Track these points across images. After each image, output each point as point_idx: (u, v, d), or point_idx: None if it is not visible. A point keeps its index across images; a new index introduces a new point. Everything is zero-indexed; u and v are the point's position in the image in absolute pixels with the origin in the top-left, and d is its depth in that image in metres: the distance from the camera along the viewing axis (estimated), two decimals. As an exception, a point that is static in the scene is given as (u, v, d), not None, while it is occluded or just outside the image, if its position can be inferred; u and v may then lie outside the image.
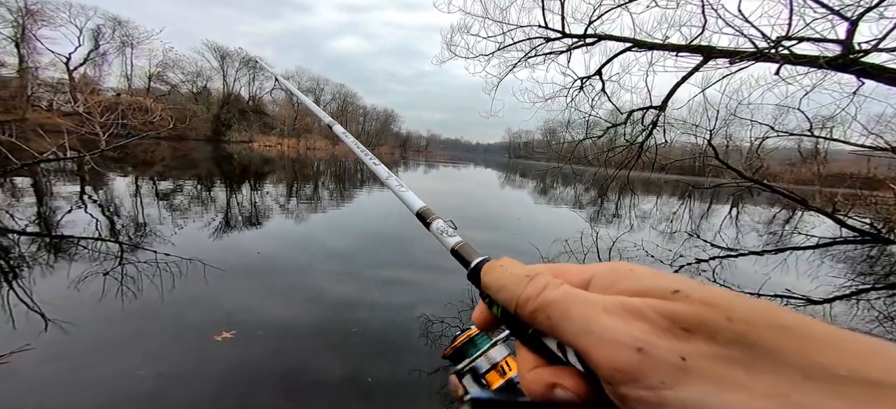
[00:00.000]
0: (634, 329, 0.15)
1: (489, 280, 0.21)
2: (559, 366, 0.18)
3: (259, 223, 5.67)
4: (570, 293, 0.17)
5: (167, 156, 15.50)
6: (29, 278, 2.88)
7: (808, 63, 4.01)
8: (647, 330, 0.15)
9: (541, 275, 0.19)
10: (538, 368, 0.18)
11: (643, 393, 0.14)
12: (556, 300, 0.17)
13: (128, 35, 33.56)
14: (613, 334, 0.15)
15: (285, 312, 2.77)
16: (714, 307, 0.14)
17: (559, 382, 0.17)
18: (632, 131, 7.15)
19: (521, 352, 0.20)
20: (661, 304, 0.15)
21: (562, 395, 0.17)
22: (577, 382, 0.17)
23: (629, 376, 0.14)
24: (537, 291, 0.18)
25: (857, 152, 5.70)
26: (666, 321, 0.15)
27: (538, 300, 0.17)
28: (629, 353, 0.15)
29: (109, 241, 3.97)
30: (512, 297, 0.19)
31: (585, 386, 0.17)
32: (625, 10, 5.73)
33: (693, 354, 0.14)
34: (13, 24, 25.28)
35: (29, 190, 6.23)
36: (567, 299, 0.17)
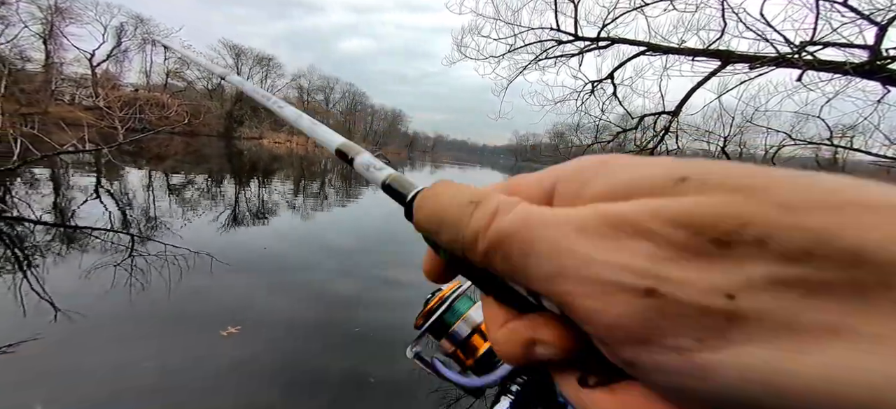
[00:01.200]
0: (633, 257, 0.09)
1: (423, 217, 0.15)
2: (534, 314, 0.13)
3: (266, 219, 5.73)
4: (529, 216, 0.11)
5: (180, 151, 15.86)
6: (42, 266, 2.95)
7: (833, 69, 3.87)
8: (652, 254, 0.09)
9: (489, 197, 0.13)
10: (508, 322, 0.13)
11: (664, 359, 0.09)
12: (512, 230, 0.11)
13: (149, 32, 34.57)
14: (600, 272, 0.09)
15: (290, 308, 2.77)
16: (751, 192, 0.08)
17: (537, 336, 0.12)
18: (643, 137, 7.02)
19: (488, 305, 0.14)
20: (664, 204, 0.09)
21: (542, 352, 0.12)
22: (558, 332, 0.12)
23: (637, 337, 0.09)
24: (486, 220, 0.12)
25: (878, 163, 5.50)
26: (682, 231, 0.09)
27: (489, 235, 0.12)
28: (631, 300, 0.09)
29: (121, 232, 4.06)
30: (455, 236, 0.13)
31: (569, 334, 0.12)
32: (640, 13, 5.64)
33: (743, 285, 0.08)
34: (42, 21, 26.28)
35: (47, 181, 6.42)
36: (526, 224, 0.11)
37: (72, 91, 28.87)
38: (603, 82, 6.74)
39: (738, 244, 0.08)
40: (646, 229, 0.09)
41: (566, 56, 6.67)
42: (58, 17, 27.32)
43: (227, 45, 40.36)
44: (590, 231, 0.10)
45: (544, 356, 0.12)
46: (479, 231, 0.12)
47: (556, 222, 0.11)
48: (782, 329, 0.07)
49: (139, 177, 8.12)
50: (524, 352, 0.12)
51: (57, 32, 27.42)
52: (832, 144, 5.52)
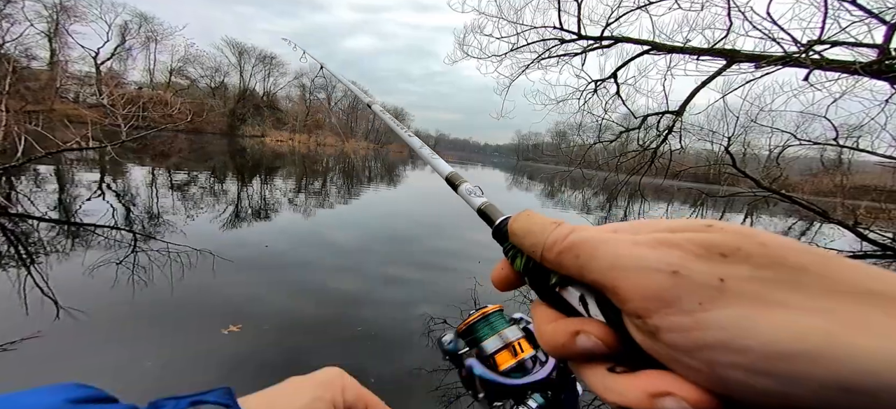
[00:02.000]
0: (668, 255, 0.14)
1: (516, 227, 0.21)
2: (578, 317, 0.17)
3: (268, 217, 5.74)
4: (597, 234, 0.17)
5: (184, 148, 15.92)
6: (45, 263, 2.96)
7: (841, 69, 3.81)
8: (681, 255, 0.14)
9: (566, 223, 0.19)
10: (557, 320, 0.18)
11: (677, 319, 0.13)
12: (584, 240, 0.17)
13: (153, 31, 34.72)
14: (644, 262, 0.15)
15: (291, 307, 2.77)
16: (748, 236, 0.14)
17: (583, 328, 0.16)
18: (646, 136, 6.97)
19: (539, 309, 0.19)
20: (695, 235, 0.15)
21: (585, 343, 0.16)
22: (601, 328, 0.16)
23: (663, 301, 0.14)
24: (564, 234, 0.18)
25: (884, 164, 5.42)
26: (701, 248, 0.14)
27: (565, 242, 0.17)
28: (661, 277, 0.14)
29: (124, 229, 4.07)
30: (538, 241, 0.19)
31: (610, 332, 0.16)
32: (644, 11, 5.59)
33: (731, 275, 0.13)
34: (48, 19, 26.45)
35: (51, 178, 6.46)
36: (594, 238, 0.17)
37: (76, 89, 29.01)
38: (606, 81, 6.69)
39: (732, 257, 0.14)
40: (679, 244, 0.15)
41: (569, 55, 6.63)
42: (63, 15, 27.50)
43: (230, 43, 40.43)
44: (640, 244, 0.15)
45: (584, 345, 0.16)
46: (558, 239, 0.18)
47: (616, 239, 0.16)
48: (750, 300, 0.13)
49: (142, 174, 8.16)
50: (568, 341, 0.17)
51: (62, 30, 27.60)
52: (838, 145, 5.45)
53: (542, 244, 0.18)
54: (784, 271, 0.13)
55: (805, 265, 0.13)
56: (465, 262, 4.48)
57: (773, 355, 0.12)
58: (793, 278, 0.13)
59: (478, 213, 0.26)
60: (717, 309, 0.13)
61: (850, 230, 6.12)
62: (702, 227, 0.15)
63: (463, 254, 4.79)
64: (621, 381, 0.15)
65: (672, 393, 0.13)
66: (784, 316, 0.12)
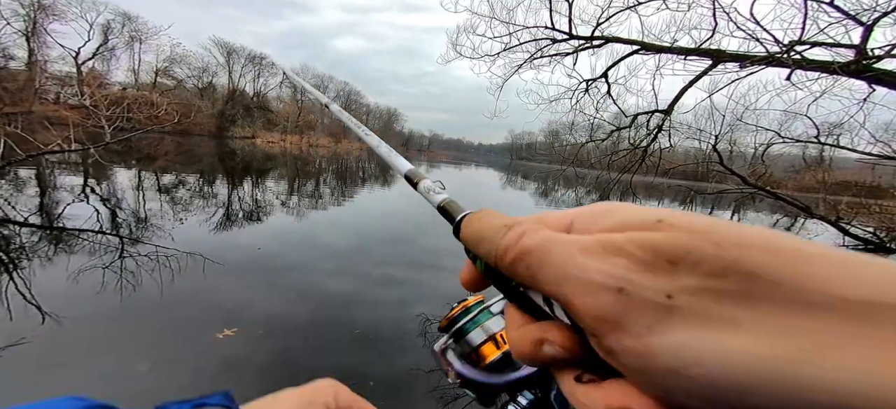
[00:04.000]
0: (614, 267, 0.13)
1: (468, 233, 0.19)
2: (546, 322, 0.16)
3: (260, 219, 5.66)
4: (548, 238, 0.15)
5: (171, 150, 15.56)
6: (28, 270, 2.87)
7: (821, 68, 3.94)
8: (627, 267, 0.13)
9: (519, 223, 0.17)
10: (525, 325, 0.16)
11: (629, 343, 0.12)
12: (534, 247, 0.15)
13: (137, 30, 33.79)
14: (591, 276, 0.13)
15: (286, 310, 2.74)
16: (700, 234, 0.12)
17: (545, 337, 0.15)
18: (636, 135, 7.10)
19: (509, 311, 0.18)
20: (642, 235, 0.13)
21: (549, 352, 0.15)
22: (563, 334, 0.15)
23: (612, 323, 0.12)
24: (515, 239, 0.16)
25: (863, 160, 5.62)
26: (648, 254, 0.13)
27: (516, 249, 0.16)
28: (609, 296, 0.12)
29: (110, 234, 3.97)
30: (491, 249, 0.17)
31: (573, 338, 0.15)
32: (633, 12, 5.68)
33: (679, 289, 0.12)
34: (25, 18, 25.52)
35: (32, 181, 6.25)
36: (545, 244, 0.15)
37: (57, 90, 28.08)
38: (597, 81, 6.78)
39: (681, 264, 0.12)
40: (625, 250, 0.13)
41: (561, 55, 6.70)
42: (41, 14, 26.57)
43: (218, 43, 39.65)
44: (589, 250, 0.14)
45: (549, 354, 0.15)
46: (509, 246, 0.16)
47: (566, 242, 0.15)
48: (700, 320, 0.11)
49: (128, 177, 7.95)
50: (533, 349, 0.16)
51: (40, 29, 26.67)
52: (819, 142, 5.64)
53: (494, 252, 0.17)
54: (737, 280, 0.11)
55: (763, 269, 0.11)
56: (461, 261, 4.48)
57: (722, 385, 0.10)
58: (747, 287, 0.11)
59: (437, 210, 0.24)
60: (665, 333, 0.12)
61: (832, 225, 6.34)
62: (651, 222, 0.13)
63: (458, 253, 4.79)
64: (586, 392, 0.14)
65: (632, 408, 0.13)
66: (735, 340, 0.11)
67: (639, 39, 6.01)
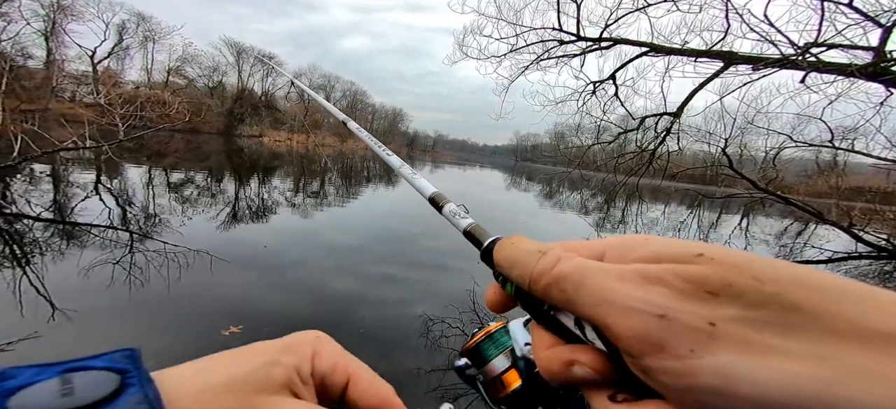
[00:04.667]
0: (654, 295, 0.14)
1: (501, 258, 0.20)
2: (577, 344, 0.17)
3: (266, 217, 5.72)
4: (583, 264, 0.16)
5: (181, 148, 15.83)
6: (41, 264, 2.94)
7: (837, 71, 3.85)
8: (667, 295, 0.14)
9: (553, 250, 0.18)
10: (554, 346, 0.17)
11: (670, 364, 0.13)
12: (569, 272, 0.16)
13: (151, 30, 34.54)
14: (631, 302, 0.14)
15: (291, 308, 2.77)
16: (741, 269, 0.13)
17: (576, 358, 0.16)
18: (643, 137, 7.01)
19: (537, 332, 0.19)
20: (682, 268, 0.14)
21: (579, 373, 0.16)
22: (595, 357, 0.16)
23: (653, 345, 0.13)
24: (550, 264, 0.17)
25: (878, 165, 5.47)
26: (688, 285, 0.14)
27: (552, 274, 0.17)
28: (650, 320, 0.13)
29: (120, 229, 4.05)
30: (525, 272, 0.18)
31: (603, 361, 0.16)
32: (643, 13, 5.62)
33: (721, 318, 0.13)
34: (44, 18, 26.26)
35: (47, 177, 6.41)
36: (581, 270, 0.16)
37: (73, 88, 28.82)
38: (604, 83, 6.72)
39: (722, 295, 0.13)
40: (664, 280, 0.14)
41: (568, 56, 6.65)
42: (60, 14, 27.31)
43: (228, 43, 40.27)
44: (626, 279, 0.15)
45: (579, 375, 0.16)
46: (544, 271, 0.17)
47: (602, 269, 0.16)
48: (741, 346, 0.12)
49: (139, 174, 8.11)
50: (563, 369, 0.16)
51: (59, 29, 27.40)
52: (833, 147, 5.50)
53: (528, 276, 0.18)
54: (777, 312, 0.12)
55: (801, 303, 0.12)
56: (463, 261, 4.48)
57: (763, 404, 0.11)
58: (787, 318, 0.12)
59: (464, 235, 0.25)
60: (708, 355, 0.12)
61: (845, 231, 6.17)
62: (691, 256, 0.14)
63: (460, 253, 4.79)
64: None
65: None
66: (774, 364, 0.12)
67: (648, 41, 5.94)
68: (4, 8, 20.69)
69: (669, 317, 0.13)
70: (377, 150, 0.41)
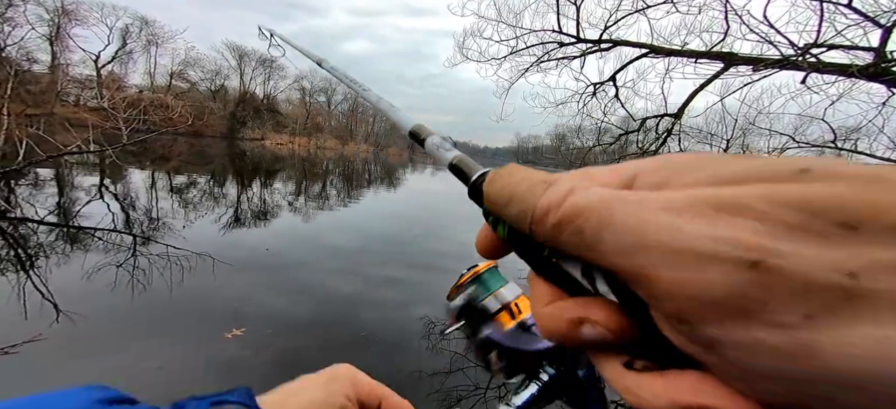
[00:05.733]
0: (735, 231, 0.09)
1: (494, 191, 0.15)
2: (586, 297, 0.13)
3: (268, 220, 5.74)
4: (609, 195, 0.11)
5: (184, 151, 15.93)
6: (45, 267, 2.96)
7: (838, 71, 3.85)
8: (761, 230, 0.09)
9: (562, 179, 0.13)
10: (557, 301, 0.13)
11: (765, 335, 0.08)
12: (588, 205, 0.11)
13: (154, 34, 34.90)
14: (695, 244, 0.09)
15: (293, 310, 2.77)
16: (893, 187, 0.08)
17: (587, 316, 0.12)
18: (645, 139, 7.00)
19: (536, 284, 0.15)
20: (784, 188, 0.09)
21: (590, 333, 0.12)
22: (611, 314, 0.12)
23: (734, 307, 0.09)
24: (560, 197, 0.12)
25: (881, 166, 5.44)
26: (801, 214, 0.08)
27: (563, 209, 0.12)
28: (732, 272, 0.09)
29: (124, 233, 4.07)
30: (526, 208, 0.13)
31: (621, 320, 0.12)
32: (642, 15, 5.63)
33: (869, 265, 0.08)
34: (49, 23, 26.59)
35: (51, 181, 6.47)
36: (605, 202, 0.11)
37: (77, 92, 29.10)
38: (605, 84, 6.73)
39: (868, 229, 0.08)
40: (754, 208, 0.09)
41: (568, 58, 6.67)
42: (64, 18, 27.63)
43: (230, 46, 40.60)
44: (681, 209, 0.10)
45: (591, 336, 0.12)
46: (550, 206, 0.12)
47: (639, 200, 0.11)
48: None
49: (143, 178, 8.16)
50: (570, 330, 0.13)
51: (63, 34, 27.72)
52: (836, 147, 5.48)
53: (530, 212, 0.13)
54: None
55: None
56: (464, 262, 4.46)
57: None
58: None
59: (449, 169, 0.22)
60: (843, 326, 0.08)
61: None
62: (792, 172, 0.09)
63: (463, 256, 4.79)
64: (643, 382, 0.11)
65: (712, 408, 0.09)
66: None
67: (648, 42, 5.95)
68: (10, 13, 20.94)
69: (768, 265, 0.08)
70: (354, 87, 0.40)
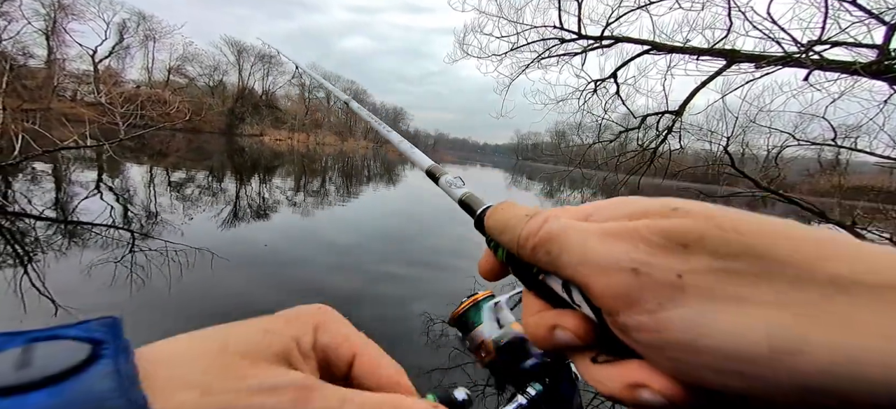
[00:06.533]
0: (629, 250, 0.14)
1: (492, 223, 0.20)
2: (563, 309, 0.17)
3: (267, 216, 5.73)
4: (567, 225, 0.16)
5: (182, 147, 15.85)
6: (43, 263, 2.94)
7: (841, 69, 3.83)
8: (642, 249, 0.14)
9: (541, 213, 0.18)
10: (541, 312, 0.18)
11: (641, 318, 0.13)
12: (554, 234, 0.16)
13: (151, 29, 34.57)
14: (607, 258, 0.14)
15: (291, 306, 2.76)
16: (714, 220, 0.13)
17: (559, 322, 0.16)
18: (645, 136, 6.98)
19: (527, 299, 0.19)
20: (657, 222, 0.14)
21: (562, 337, 0.16)
22: (577, 321, 0.16)
23: (626, 300, 0.14)
24: (537, 227, 0.17)
25: (881, 164, 5.45)
26: (660, 238, 0.14)
27: (538, 236, 0.17)
28: (624, 276, 0.14)
29: (122, 228, 4.05)
30: (513, 237, 0.18)
31: (585, 326, 0.16)
32: (644, 11, 5.59)
33: (690, 270, 0.13)
34: (45, 17, 26.32)
35: (49, 176, 6.43)
36: (564, 230, 0.16)
37: (74, 87, 28.88)
38: (606, 81, 6.69)
39: (693, 247, 0.13)
40: (640, 234, 0.14)
41: (569, 55, 6.63)
42: (60, 13, 27.35)
43: (228, 42, 40.26)
44: (605, 236, 0.15)
45: (562, 339, 0.16)
46: (531, 233, 0.17)
47: (584, 228, 0.16)
48: (707, 297, 0.12)
49: (141, 173, 8.12)
50: (547, 334, 0.17)
51: (60, 29, 27.45)
52: (836, 145, 5.47)
53: (516, 240, 0.18)
54: (748, 261, 0.12)
55: (772, 252, 0.12)
56: (464, 260, 4.48)
57: (728, 356, 0.11)
58: (757, 268, 0.12)
59: (459, 204, 0.26)
60: (674, 308, 0.12)
61: (847, 230, 6.14)
62: (666, 211, 0.14)
63: (461, 252, 4.79)
64: (603, 371, 0.15)
65: (647, 385, 0.13)
66: (740, 313, 0.12)
67: (650, 39, 5.91)
68: (5, 7, 20.71)
69: (640, 271, 0.13)
70: (378, 127, 0.43)
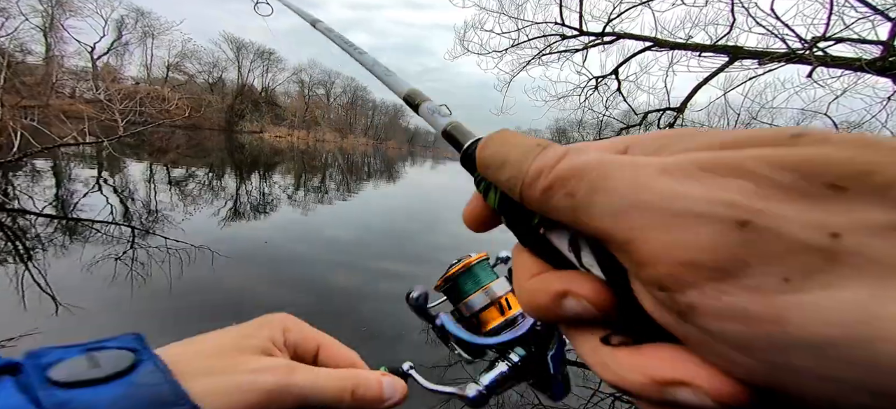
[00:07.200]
0: (726, 192, 0.09)
1: (488, 155, 0.15)
2: (570, 270, 0.13)
3: (267, 213, 5.72)
4: (604, 157, 0.11)
5: (182, 144, 15.82)
6: (43, 259, 2.94)
7: (844, 66, 3.81)
8: (751, 191, 0.08)
9: (558, 146, 0.13)
10: (542, 274, 0.13)
11: (737, 300, 0.08)
12: (582, 167, 0.11)
13: (150, 26, 34.42)
14: (685, 203, 0.09)
15: (292, 304, 2.77)
16: (882, 149, 0.08)
17: (571, 289, 0.12)
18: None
19: (520, 257, 0.14)
20: (775, 152, 0.09)
21: (573, 307, 0.12)
22: (595, 287, 0.11)
23: (716, 270, 0.08)
24: (553, 160, 0.12)
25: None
26: (791, 174, 0.08)
27: (555, 171, 0.12)
28: (721, 231, 0.08)
29: (122, 225, 4.05)
30: (517, 173, 0.13)
31: (605, 293, 0.11)
32: (646, 7, 5.55)
33: (852, 226, 0.07)
34: (43, 13, 26.17)
35: (48, 173, 6.42)
36: (600, 163, 0.11)
37: (72, 84, 28.80)
38: (607, 78, 6.66)
39: (856, 190, 0.08)
40: (747, 170, 0.09)
41: (570, 51, 6.59)
42: (58, 9, 27.21)
43: (228, 39, 40.07)
44: (675, 172, 0.10)
45: (573, 310, 0.12)
46: (543, 168, 0.12)
47: (633, 162, 0.10)
48: (889, 274, 0.07)
49: (140, 170, 8.11)
50: (552, 304, 0.12)
51: (57, 25, 27.32)
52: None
53: (521, 177, 0.13)
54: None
55: None
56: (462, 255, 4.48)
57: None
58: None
59: (443, 135, 0.22)
60: (819, 289, 0.07)
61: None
62: (785, 137, 0.09)
63: (461, 249, 4.79)
64: (619, 357, 0.11)
65: (690, 383, 0.09)
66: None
67: (652, 36, 5.87)
68: (2, 3, 20.59)
69: (756, 224, 0.08)
70: (349, 50, 0.39)
